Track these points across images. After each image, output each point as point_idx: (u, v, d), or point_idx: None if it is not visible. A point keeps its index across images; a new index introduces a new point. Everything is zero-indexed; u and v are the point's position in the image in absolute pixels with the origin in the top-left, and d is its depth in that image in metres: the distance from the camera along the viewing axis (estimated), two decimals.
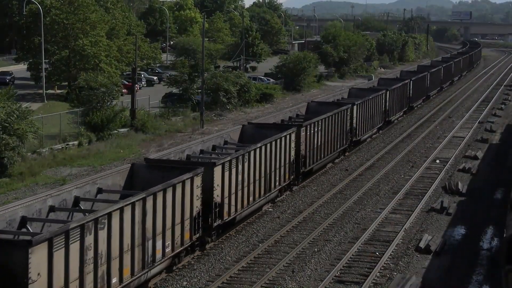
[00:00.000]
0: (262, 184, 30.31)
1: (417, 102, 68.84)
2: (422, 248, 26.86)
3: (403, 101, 61.65)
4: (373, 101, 49.62)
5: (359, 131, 46.56)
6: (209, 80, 62.44)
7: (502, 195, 35.88)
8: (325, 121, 38.89)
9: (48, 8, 69.15)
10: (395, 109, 58.09)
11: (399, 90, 58.81)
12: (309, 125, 36.47)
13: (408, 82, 63.24)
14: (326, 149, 39.25)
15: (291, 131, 33.76)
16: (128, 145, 46.05)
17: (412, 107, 66.28)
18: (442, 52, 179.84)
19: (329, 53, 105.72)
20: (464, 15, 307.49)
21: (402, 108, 61.32)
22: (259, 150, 29.85)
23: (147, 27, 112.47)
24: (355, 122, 45.05)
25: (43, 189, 33.54)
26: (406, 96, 62.70)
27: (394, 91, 56.77)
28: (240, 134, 34.82)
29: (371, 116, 49.34)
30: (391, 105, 55.98)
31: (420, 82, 68.53)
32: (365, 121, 47.64)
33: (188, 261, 24.82)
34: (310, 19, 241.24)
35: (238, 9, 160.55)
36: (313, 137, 36.89)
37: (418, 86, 67.44)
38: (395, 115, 58.29)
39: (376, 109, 50.88)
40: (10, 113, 37.51)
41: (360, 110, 46.21)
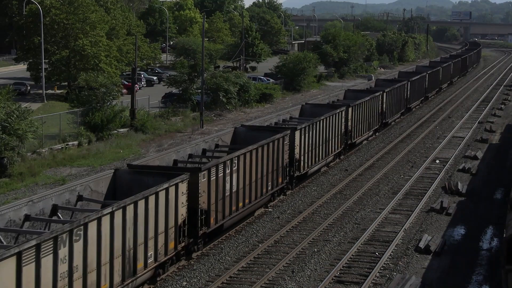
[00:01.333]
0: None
1: None
2: (422, 248, 26.85)
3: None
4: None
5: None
6: (209, 80, 62.44)
7: (501, 195, 35.89)
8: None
9: (48, 8, 69.12)
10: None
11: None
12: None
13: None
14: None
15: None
16: (128, 145, 46.05)
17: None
18: (442, 52, 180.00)
19: (329, 53, 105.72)
20: (464, 15, 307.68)
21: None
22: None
23: (147, 27, 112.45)
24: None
25: (43, 189, 33.55)
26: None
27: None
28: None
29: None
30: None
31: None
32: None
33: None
34: (310, 19, 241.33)
35: (238, 9, 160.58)
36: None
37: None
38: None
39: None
40: (10, 113, 37.52)
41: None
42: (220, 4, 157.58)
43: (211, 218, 25.57)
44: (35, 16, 68.93)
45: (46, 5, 69.12)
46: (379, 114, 52.05)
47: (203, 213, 24.94)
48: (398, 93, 59.00)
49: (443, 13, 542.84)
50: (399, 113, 60.54)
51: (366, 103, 47.80)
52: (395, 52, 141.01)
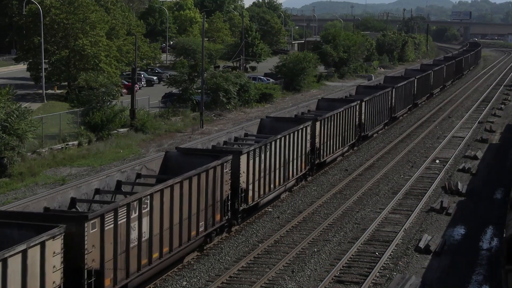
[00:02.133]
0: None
1: None
2: (422, 248, 26.86)
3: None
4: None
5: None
6: (208, 80, 62.43)
7: (501, 195, 35.89)
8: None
9: (48, 8, 69.09)
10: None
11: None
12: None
13: None
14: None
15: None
16: (128, 145, 46.04)
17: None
18: (442, 52, 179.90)
19: (329, 53, 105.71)
20: (463, 15, 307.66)
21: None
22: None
23: (147, 27, 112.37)
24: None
25: (43, 189, 33.55)
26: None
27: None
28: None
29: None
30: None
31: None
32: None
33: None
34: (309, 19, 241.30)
35: (238, 9, 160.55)
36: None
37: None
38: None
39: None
40: (10, 113, 37.51)
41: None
42: (220, 4, 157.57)
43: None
44: (35, 16, 68.91)
45: (46, 5, 69.09)
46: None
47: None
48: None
49: (443, 13, 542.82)
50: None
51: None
52: (395, 52, 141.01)
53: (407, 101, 61.90)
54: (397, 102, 57.41)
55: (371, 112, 49.16)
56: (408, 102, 62.63)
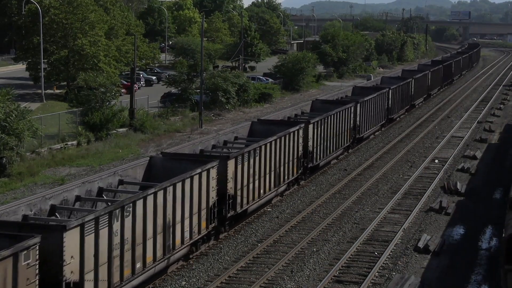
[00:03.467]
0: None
1: None
2: (421, 248, 26.86)
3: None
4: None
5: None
6: (208, 80, 62.43)
7: (501, 195, 35.88)
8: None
9: (47, 7, 69.09)
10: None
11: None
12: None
13: None
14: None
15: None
16: (127, 144, 46.04)
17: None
18: (441, 52, 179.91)
19: (328, 53, 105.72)
20: (463, 15, 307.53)
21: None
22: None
23: (146, 27, 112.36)
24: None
25: (42, 189, 33.54)
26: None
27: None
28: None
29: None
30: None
31: None
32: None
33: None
34: (309, 19, 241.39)
35: (237, 9, 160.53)
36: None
37: None
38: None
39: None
40: (9, 113, 37.48)
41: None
42: (219, 4, 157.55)
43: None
44: (34, 16, 68.91)
45: (45, 5, 69.10)
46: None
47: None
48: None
49: (442, 13, 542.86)
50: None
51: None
52: (394, 52, 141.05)
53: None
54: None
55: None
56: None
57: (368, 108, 48.29)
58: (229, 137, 33.24)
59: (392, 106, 56.01)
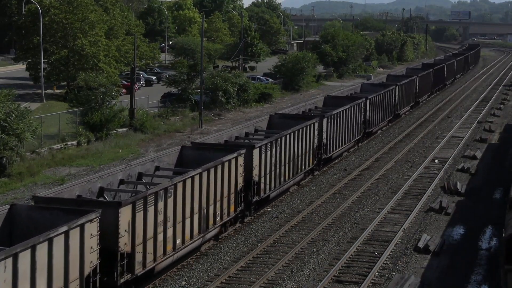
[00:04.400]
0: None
1: None
2: (421, 248, 26.86)
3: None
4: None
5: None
6: (207, 80, 62.42)
7: (501, 195, 35.89)
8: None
9: (47, 7, 69.09)
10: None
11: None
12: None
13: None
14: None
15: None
16: (127, 144, 46.03)
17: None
18: (441, 52, 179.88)
19: (328, 53, 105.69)
20: (463, 15, 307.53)
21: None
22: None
23: (146, 27, 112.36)
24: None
25: (42, 189, 33.54)
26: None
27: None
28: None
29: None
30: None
31: None
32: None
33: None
34: (309, 19, 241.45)
35: (237, 9, 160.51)
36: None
37: None
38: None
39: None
40: (9, 113, 37.47)
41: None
42: (219, 4, 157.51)
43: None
44: (34, 16, 68.91)
45: (45, 5, 69.10)
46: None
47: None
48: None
49: (442, 13, 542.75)
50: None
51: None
52: (394, 52, 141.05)
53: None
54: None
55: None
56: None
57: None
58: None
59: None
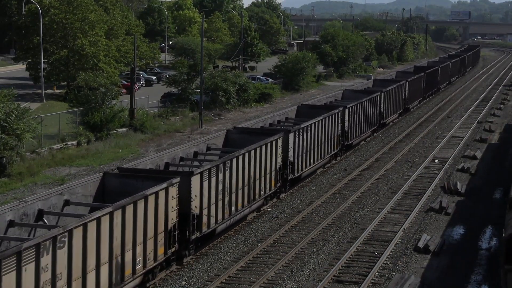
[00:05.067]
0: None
1: None
2: (421, 248, 26.87)
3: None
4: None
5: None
6: (207, 80, 62.41)
7: (501, 195, 35.89)
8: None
9: (47, 7, 69.10)
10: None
11: None
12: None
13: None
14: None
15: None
16: (127, 144, 46.04)
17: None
18: (441, 52, 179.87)
19: (328, 53, 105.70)
20: (463, 15, 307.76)
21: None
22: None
23: (146, 27, 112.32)
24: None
25: (42, 189, 33.55)
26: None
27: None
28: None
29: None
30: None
31: None
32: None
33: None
34: (309, 19, 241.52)
35: (237, 9, 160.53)
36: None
37: None
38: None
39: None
40: (9, 113, 37.47)
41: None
42: (219, 4, 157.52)
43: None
44: (34, 16, 68.91)
45: (45, 5, 69.10)
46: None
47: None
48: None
49: (442, 13, 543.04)
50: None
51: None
52: (394, 52, 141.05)
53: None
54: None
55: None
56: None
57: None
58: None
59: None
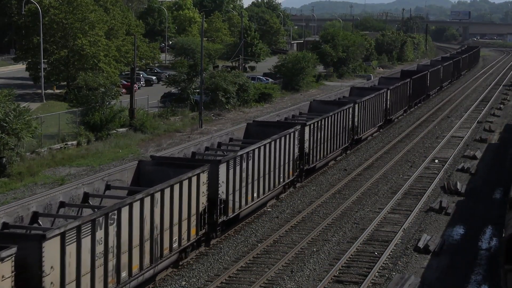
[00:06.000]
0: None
1: None
2: (421, 248, 26.86)
3: None
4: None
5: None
6: (207, 80, 62.40)
7: (501, 195, 35.88)
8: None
9: (47, 7, 69.09)
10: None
11: None
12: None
13: None
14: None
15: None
16: (127, 144, 46.03)
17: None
18: (441, 52, 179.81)
19: (328, 53, 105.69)
20: (463, 14, 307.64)
21: None
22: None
23: (146, 27, 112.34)
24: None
25: (42, 189, 33.53)
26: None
27: None
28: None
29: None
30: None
31: None
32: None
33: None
34: (309, 18, 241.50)
35: (237, 8, 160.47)
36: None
37: None
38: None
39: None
40: (9, 113, 37.45)
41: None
42: (219, 4, 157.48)
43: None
44: (34, 16, 68.92)
45: (45, 5, 69.10)
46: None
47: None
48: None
49: (442, 13, 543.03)
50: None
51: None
52: (394, 52, 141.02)
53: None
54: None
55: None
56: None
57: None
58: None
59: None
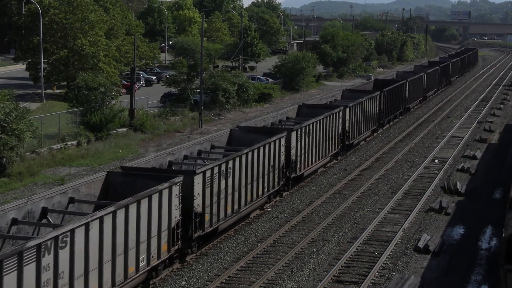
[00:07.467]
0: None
1: None
2: (421, 248, 26.86)
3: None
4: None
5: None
6: (207, 80, 62.40)
7: (501, 195, 35.89)
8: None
9: (47, 7, 69.08)
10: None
11: None
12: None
13: None
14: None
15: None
16: (127, 144, 46.04)
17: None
18: (441, 52, 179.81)
19: (328, 53, 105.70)
20: (463, 15, 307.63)
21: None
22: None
23: (146, 27, 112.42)
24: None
25: (42, 189, 33.54)
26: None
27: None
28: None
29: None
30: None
31: None
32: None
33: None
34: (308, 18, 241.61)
35: (237, 9, 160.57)
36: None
37: None
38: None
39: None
40: (9, 113, 37.45)
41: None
42: (219, 4, 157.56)
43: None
44: (34, 16, 68.90)
45: (45, 5, 69.07)
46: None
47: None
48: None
49: (442, 13, 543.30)
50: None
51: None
52: (394, 52, 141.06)
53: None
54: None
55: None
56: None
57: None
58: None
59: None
